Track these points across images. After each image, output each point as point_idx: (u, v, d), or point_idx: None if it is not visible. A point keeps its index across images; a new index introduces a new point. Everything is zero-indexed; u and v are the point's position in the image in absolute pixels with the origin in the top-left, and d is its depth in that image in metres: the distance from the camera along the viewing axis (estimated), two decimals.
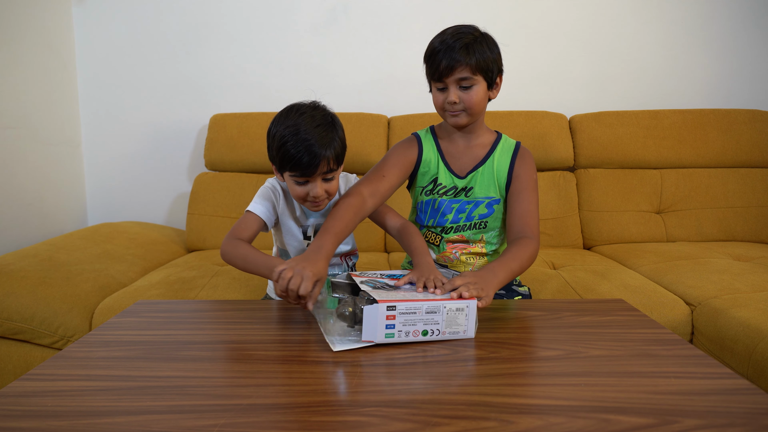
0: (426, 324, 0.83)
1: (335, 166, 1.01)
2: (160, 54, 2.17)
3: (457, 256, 1.22)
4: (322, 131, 0.98)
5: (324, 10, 2.15)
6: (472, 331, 0.85)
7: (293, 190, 1.03)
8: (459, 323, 0.84)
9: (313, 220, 1.15)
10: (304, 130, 0.97)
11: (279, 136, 0.99)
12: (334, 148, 0.99)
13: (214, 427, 0.60)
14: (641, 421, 0.60)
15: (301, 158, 0.96)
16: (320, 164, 0.98)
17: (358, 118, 1.99)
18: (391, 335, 0.82)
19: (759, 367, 1.10)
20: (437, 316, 0.83)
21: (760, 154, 1.98)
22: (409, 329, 0.82)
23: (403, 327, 0.81)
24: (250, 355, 0.81)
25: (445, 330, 0.84)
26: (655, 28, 2.16)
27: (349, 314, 0.85)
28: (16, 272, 1.39)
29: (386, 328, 0.81)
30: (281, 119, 1.02)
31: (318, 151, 0.96)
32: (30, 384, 0.70)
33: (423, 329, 0.83)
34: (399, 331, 0.81)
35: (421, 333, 0.83)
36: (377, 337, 0.81)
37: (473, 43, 1.07)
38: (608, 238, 1.94)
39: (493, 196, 1.18)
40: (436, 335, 0.84)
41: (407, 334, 0.82)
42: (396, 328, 0.81)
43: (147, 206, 2.26)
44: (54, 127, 2.03)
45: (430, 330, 0.83)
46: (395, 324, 0.81)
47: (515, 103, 2.14)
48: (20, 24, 1.84)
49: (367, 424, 0.60)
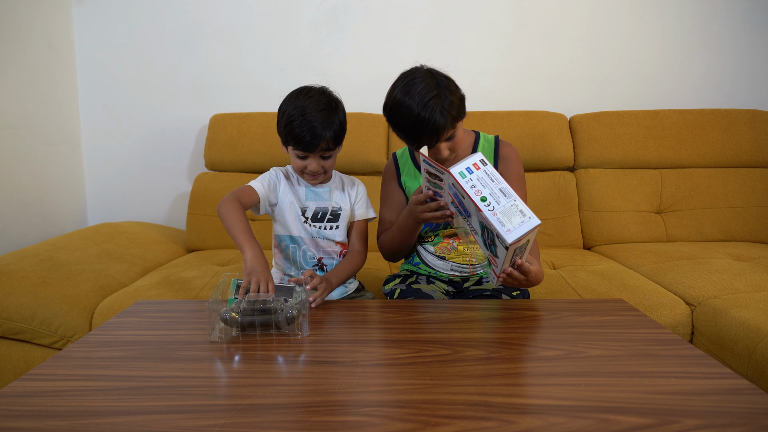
0: (491, 194, 0.87)
1: (333, 146, 1.15)
2: (160, 54, 2.17)
3: (455, 246, 1.24)
4: (325, 115, 1.12)
5: (324, 10, 2.15)
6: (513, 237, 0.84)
7: (294, 162, 1.17)
8: (512, 221, 0.85)
9: (313, 203, 1.23)
10: (309, 112, 1.10)
11: (287, 114, 1.13)
12: (334, 131, 1.12)
13: (214, 427, 0.60)
14: (641, 421, 0.61)
15: (303, 137, 1.10)
16: (320, 144, 1.11)
17: (358, 118, 1.99)
18: (463, 175, 0.88)
19: (759, 367, 1.10)
20: (504, 199, 0.87)
21: (760, 154, 1.98)
22: (478, 186, 0.87)
23: (477, 181, 0.88)
24: (250, 355, 0.81)
25: (498, 213, 0.86)
26: (655, 28, 2.16)
27: (230, 318, 0.86)
28: (16, 272, 1.39)
29: (467, 170, 0.89)
30: (291, 99, 1.15)
31: (319, 132, 1.10)
32: (30, 384, 0.70)
33: (485, 195, 0.87)
34: (470, 179, 0.88)
35: (480, 197, 0.87)
36: (454, 169, 0.88)
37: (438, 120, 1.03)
38: (608, 238, 1.94)
39: None
40: (490, 209, 0.86)
41: (473, 187, 0.87)
42: (472, 176, 0.88)
43: (147, 206, 2.26)
44: (54, 127, 2.03)
45: (489, 201, 0.87)
46: (474, 172, 0.88)
47: (515, 103, 2.14)
48: (20, 24, 1.84)
49: (367, 424, 0.60)
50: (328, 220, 1.23)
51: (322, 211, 1.23)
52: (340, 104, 1.18)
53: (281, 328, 0.87)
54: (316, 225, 1.22)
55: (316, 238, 1.22)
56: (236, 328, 0.87)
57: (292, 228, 1.22)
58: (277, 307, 0.87)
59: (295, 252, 1.23)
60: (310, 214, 1.22)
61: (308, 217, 1.22)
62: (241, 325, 0.87)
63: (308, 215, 1.22)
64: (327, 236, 1.23)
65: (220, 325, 0.88)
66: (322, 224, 1.22)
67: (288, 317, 0.86)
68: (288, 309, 0.87)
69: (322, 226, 1.22)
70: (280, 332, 0.88)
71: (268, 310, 0.87)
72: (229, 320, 0.86)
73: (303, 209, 1.22)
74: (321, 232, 1.22)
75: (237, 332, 0.87)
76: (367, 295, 1.31)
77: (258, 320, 0.87)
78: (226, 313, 0.87)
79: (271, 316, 0.87)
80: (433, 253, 1.25)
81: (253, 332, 0.88)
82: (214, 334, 0.86)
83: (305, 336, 0.87)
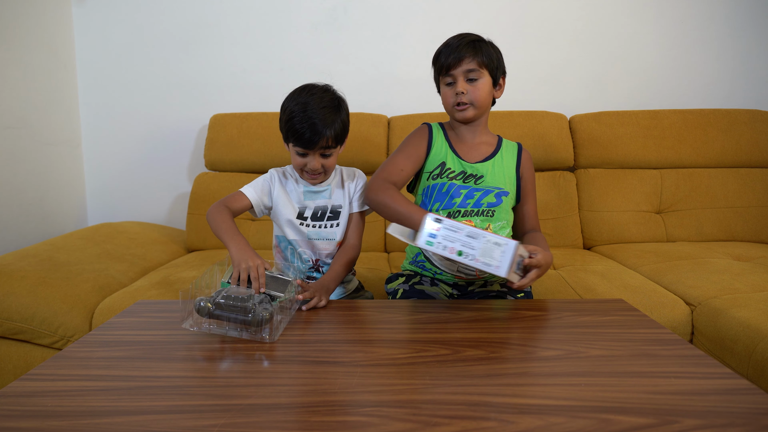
0: (464, 246, 0.88)
1: (333, 144, 1.14)
2: (160, 54, 2.17)
3: None
4: (327, 112, 1.11)
5: (324, 10, 2.15)
6: (504, 270, 0.88)
7: (294, 160, 1.17)
8: (494, 257, 0.87)
9: (312, 203, 1.23)
10: (311, 109, 1.10)
11: (289, 110, 1.12)
12: (335, 129, 1.12)
13: (214, 427, 0.60)
14: (641, 421, 0.61)
15: (304, 133, 1.09)
16: (320, 141, 1.11)
17: (358, 118, 1.99)
18: (430, 243, 0.89)
19: (759, 367, 1.10)
20: (475, 242, 0.88)
21: (760, 154, 1.98)
22: (448, 244, 0.88)
23: (444, 240, 0.88)
24: (250, 355, 0.81)
25: (479, 258, 0.87)
26: (655, 29, 2.16)
27: (201, 308, 0.86)
28: (16, 272, 1.39)
29: (429, 236, 0.89)
30: (294, 96, 1.15)
31: (320, 129, 1.09)
32: (30, 384, 0.70)
33: (459, 249, 0.88)
34: (438, 242, 0.88)
35: (456, 252, 0.88)
36: (419, 241, 0.89)
37: (479, 41, 1.18)
38: (608, 238, 1.94)
39: (502, 188, 1.22)
40: (470, 259, 0.87)
41: (444, 248, 0.88)
42: (437, 239, 0.88)
43: (147, 206, 2.26)
44: (54, 127, 2.03)
45: (466, 252, 0.88)
46: (437, 235, 0.88)
47: (515, 103, 2.14)
48: (20, 24, 1.84)
49: (367, 424, 0.60)
50: (329, 218, 1.22)
51: (321, 209, 1.22)
52: (344, 103, 1.18)
53: (250, 328, 0.86)
54: (316, 224, 1.21)
55: (314, 239, 1.21)
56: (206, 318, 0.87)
57: (287, 231, 1.21)
58: (250, 307, 0.86)
59: (292, 253, 1.23)
60: (310, 214, 1.21)
61: (308, 217, 1.21)
62: (210, 315, 0.86)
63: (307, 215, 1.21)
64: (327, 236, 1.22)
65: (195, 315, 0.88)
66: (323, 223, 1.21)
67: (259, 319, 0.86)
68: (260, 311, 0.86)
69: (323, 224, 1.21)
70: (249, 332, 0.86)
71: (241, 308, 0.86)
72: (200, 309, 0.86)
73: (302, 209, 1.22)
74: (320, 232, 1.21)
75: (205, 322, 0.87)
76: (367, 295, 1.31)
77: (230, 316, 0.86)
78: (200, 301, 0.87)
79: (241, 315, 0.86)
80: None
81: (222, 327, 0.87)
82: (186, 323, 0.87)
83: (274, 341, 0.85)
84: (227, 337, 0.86)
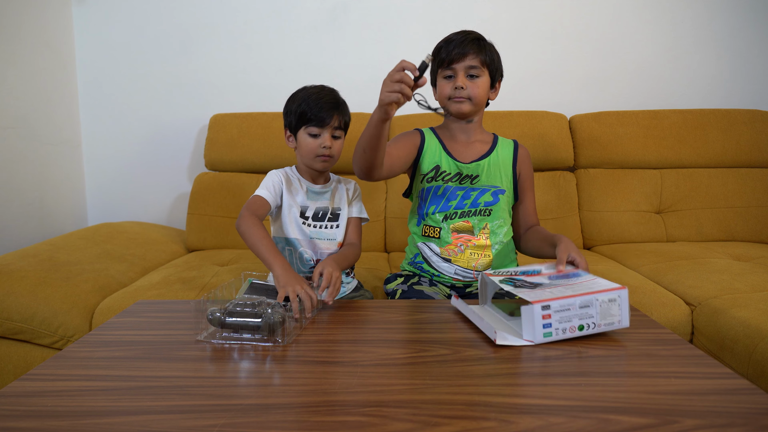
0: (581, 318, 0.83)
1: (342, 125, 1.22)
2: (160, 54, 2.16)
3: (462, 249, 1.22)
4: (337, 96, 1.24)
5: (324, 10, 2.15)
6: (626, 319, 0.85)
7: (306, 146, 1.21)
8: (613, 314, 0.84)
9: (313, 203, 1.24)
10: (324, 93, 1.22)
11: (299, 98, 1.21)
12: (343, 114, 1.23)
13: (214, 427, 0.60)
14: (641, 421, 0.60)
15: (320, 109, 1.18)
16: (334, 116, 1.20)
17: (358, 118, 1.97)
18: (549, 334, 0.82)
19: (759, 367, 1.10)
20: (591, 310, 0.83)
21: (760, 154, 1.98)
22: (566, 326, 0.83)
23: (560, 324, 0.82)
24: (251, 355, 0.81)
25: (601, 322, 0.84)
26: (655, 28, 2.16)
27: (213, 318, 0.86)
28: (16, 272, 1.39)
29: (543, 327, 0.82)
30: (299, 91, 1.24)
31: (334, 106, 1.20)
32: (30, 384, 0.70)
33: (579, 324, 0.83)
34: (556, 329, 0.82)
35: (577, 328, 0.83)
36: (536, 338, 0.82)
37: (482, 40, 1.21)
38: (608, 238, 1.94)
39: (498, 186, 1.22)
40: (593, 329, 0.83)
41: (564, 331, 0.83)
42: (553, 327, 0.82)
43: (147, 206, 2.25)
44: (54, 126, 2.03)
45: (586, 324, 0.83)
46: (552, 322, 0.82)
47: (515, 103, 2.14)
48: (20, 24, 1.84)
49: (367, 424, 0.60)
50: (329, 220, 1.24)
51: (322, 210, 1.24)
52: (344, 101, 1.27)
53: (261, 333, 0.86)
54: (316, 225, 1.22)
55: (315, 239, 1.22)
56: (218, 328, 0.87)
57: (290, 230, 1.22)
58: (260, 312, 0.86)
59: (291, 255, 1.23)
60: (311, 214, 1.23)
61: (309, 217, 1.22)
62: (222, 325, 0.87)
63: (309, 215, 1.23)
64: (328, 236, 1.23)
65: (210, 328, 0.88)
66: (323, 223, 1.23)
67: (270, 324, 0.86)
68: (269, 316, 0.86)
69: (323, 225, 1.23)
70: (261, 338, 0.87)
71: (252, 314, 0.86)
72: (212, 319, 0.86)
73: (303, 209, 1.23)
74: (321, 232, 1.22)
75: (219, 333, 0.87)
76: (366, 295, 1.31)
77: (240, 323, 0.86)
78: (213, 312, 0.87)
79: (252, 320, 0.86)
80: (439, 254, 1.23)
81: (235, 334, 0.87)
82: (201, 335, 0.87)
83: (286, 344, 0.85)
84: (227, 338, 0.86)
